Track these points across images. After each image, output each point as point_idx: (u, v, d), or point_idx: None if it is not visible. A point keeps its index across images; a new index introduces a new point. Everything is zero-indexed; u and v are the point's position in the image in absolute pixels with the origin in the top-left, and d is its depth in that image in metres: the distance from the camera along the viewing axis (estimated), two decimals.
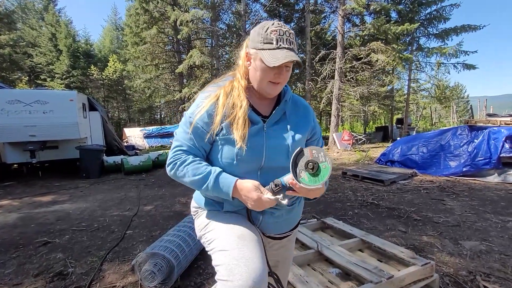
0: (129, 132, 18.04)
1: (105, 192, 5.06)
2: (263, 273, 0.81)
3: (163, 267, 1.85)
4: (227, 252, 0.85)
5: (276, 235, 1.04)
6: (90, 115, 8.19)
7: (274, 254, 1.09)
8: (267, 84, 0.91)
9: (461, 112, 27.15)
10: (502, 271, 2.05)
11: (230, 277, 0.79)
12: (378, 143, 12.71)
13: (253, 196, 0.86)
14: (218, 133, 0.93)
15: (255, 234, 0.93)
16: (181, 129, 0.97)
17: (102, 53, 27.43)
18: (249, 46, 0.94)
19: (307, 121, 1.03)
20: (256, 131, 0.93)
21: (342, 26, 10.66)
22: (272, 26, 0.88)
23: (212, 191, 0.90)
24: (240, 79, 0.96)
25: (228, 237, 0.89)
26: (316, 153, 0.80)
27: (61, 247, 2.64)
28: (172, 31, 13.08)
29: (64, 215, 3.69)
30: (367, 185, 4.91)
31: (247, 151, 0.90)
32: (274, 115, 0.97)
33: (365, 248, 2.17)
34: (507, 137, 4.66)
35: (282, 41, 0.86)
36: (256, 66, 0.91)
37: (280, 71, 0.89)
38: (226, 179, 0.89)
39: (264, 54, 0.86)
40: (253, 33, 0.92)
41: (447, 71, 11.84)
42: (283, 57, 0.84)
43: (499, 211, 3.35)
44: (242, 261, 0.81)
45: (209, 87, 1.00)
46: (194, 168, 0.91)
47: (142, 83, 14.25)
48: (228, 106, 0.92)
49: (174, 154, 0.95)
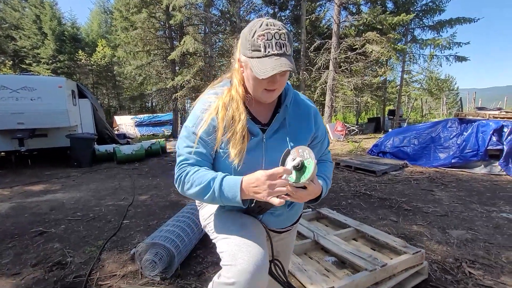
0: (120, 120, 17.74)
1: (98, 181, 5.01)
2: (264, 258, 0.85)
3: (163, 257, 1.88)
4: (230, 239, 0.89)
5: (277, 229, 1.07)
6: (80, 103, 7.97)
7: (274, 245, 1.13)
8: (262, 92, 0.87)
9: (450, 104, 27.72)
10: (486, 258, 2.17)
11: (233, 261, 0.82)
12: (370, 134, 12.91)
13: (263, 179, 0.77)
14: (220, 146, 0.91)
15: (256, 223, 0.96)
16: (183, 143, 0.92)
17: (90, 38, 26.37)
18: (240, 51, 0.87)
19: (308, 128, 0.99)
20: (255, 144, 0.91)
21: (338, 15, 10.55)
22: (260, 29, 0.80)
23: (219, 197, 0.84)
24: (238, 87, 0.91)
25: (231, 226, 0.93)
26: (301, 151, 0.81)
27: (58, 237, 2.63)
28: (164, 16, 12.65)
29: (57, 204, 3.65)
30: (360, 176, 5.03)
31: (245, 167, 0.89)
32: (274, 123, 0.94)
33: (359, 238, 2.25)
34: (494, 130, 4.82)
35: (271, 47, 0.79)
36: (248, 75, 0.86)
37: (273, 79, 0.82)
38: (230, 179, 0.84)
39: (253, 63, 0.81)
40: (242, 37, 0.85)
41: (439, 63, 11.99)
42: (271, 67, 0.77)
43: (485, 201, 3.51)
44: (244, 247, 0.85)
45: (207, 96, 0.95)
46: (199, 176, 0.86)
47: (133, 70, 13.85)
48: (228, 119, 0.89)
49: (179, 169, 0.90)
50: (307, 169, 0.79)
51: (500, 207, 3.30)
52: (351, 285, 1.53)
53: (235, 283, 0.79)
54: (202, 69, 12.77)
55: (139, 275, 1.96)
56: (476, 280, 1.90)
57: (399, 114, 13.67)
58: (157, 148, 7.87)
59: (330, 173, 1.06)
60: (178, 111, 14.97)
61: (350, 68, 11.70)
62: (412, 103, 22.51)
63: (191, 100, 16.09)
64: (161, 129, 17.37)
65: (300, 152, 0.82)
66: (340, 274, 1.74)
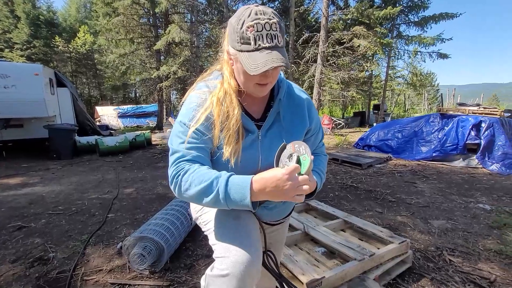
0: (102, 111, 17.09)
1: (80, 174, 4.82)
2: (258, 250, 0.84)
3: (152, 250, 1.84)
4: (223, 231, 0.88)
5: (270, 222, 1.06)
6: (58, 92, 7.58)
7: (267, 237, 1.12)
8: (254, 87, 0.82)
9: (431, 100, 28.77)
10: (465, 246, 2.29)
11: (226, 253, 0.81)
12: (355, 128, 13.18)
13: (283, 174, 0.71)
14: (218, 141, 0.86)
15: (250, 215, 0.94)
16: (178, 139, 0.84)
17: (67, 23, 24.97)
18: (228, 42, 0.81)
19: (303, 122, 0.95)
20: (250, 142, 0.87)
21: (326, 8, 10.53)
22: (248, 19, 0.72)
23: (224, 199, 0.74)
24: (229, 79, 0.85)
25: (224, 218, 0.91)
26: (297, 146, 0.79)
27: (38, 232, 2.52)
28: (148, 3, 12.13)
29: (37, 198, 3.48)
30: (346, 169, 5.13)
31: (241, 166, 0.86)
32: (268, 119, 0.90)
33: (347, 228, 2.30)
34: (473, 125, 5.04)
35: (261, 39, 0.72)
36: (239, 69, 0.80)
37: (265, 73, 0.76)
38: (237, 179, 0.75)
39: (243, 57, 0.75)
40: (230, 28, 0.78)
41: (422, 59, 12.33)
42: (263, 63, 0.71)
43: (463, 192, 3.69)
44: (237, 238, 0.84)
45: (200, 90, 0.89)
46: (200, 174, 0.76)
47: (116, 59, 13.27)
48: (223, 115, 0.83)
49: (175, 167, 0.80)
50: (303, 164, 0.77)
51: (477, 198, 3.48)
52: (341, 274, 1.57)
53: (229, 275, 0.78)
54: (188, 59, 12.44)
55: (126, 269, 1.91)
56: (456, 267, 2.00)
57: (383, 109, 14.01)
58: (142, 140, 7.66)
59: (324, 167, 1.05)
60: (163, 102, 14.59)
61: (337, 62, 11.79)
62: (395, 98, 23.15)
63: (176, 91, 15.72)
64: (145, 120, 16.92)
65: (296, 148, 0.79)
66: (330, 264, 1.78)
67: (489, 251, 2.21)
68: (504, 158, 4.78)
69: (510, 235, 2.47)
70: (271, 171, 0.75)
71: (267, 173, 0.75)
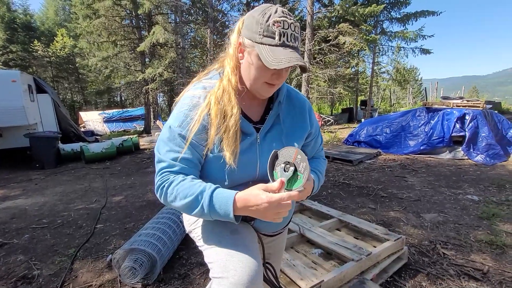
0: (86, 116, 16.59)
1: (65, 183, 4.64)
2: (259, 267, 0.79)
3: (144, 262, 1.77)
4: (220, 248, 0.82)
5: (268, 233, 1.01)
6: (38, 98, 7.29)
7: (265, 248, 1.08)
8: (262, 85, 0.78)
9: (415, 94, 29.53)
10: (457, 239, 2.33)
11: (225, 273, 0.75)
12: (344, 124, 13.33)
13: (265, 202, 0.69)
14: (212, 146, 0.80)
15: (248, 228, 0.89)
16: (166, 147, 0.79)
17: (45, 26, 24.03)
18: (243, 34, 0.76)
19: (304, 125, 0.92)
20: (248, 145, 0.82)
21: (311, 6, 10.58)
22: (275, 15, 0.72)
23: (209, 213, 0.74)
24: (230, 76, 0.81)
25: (220, 232, 0.85)
26: (299, 160, 0.73)
27: (21, 248, 2.38)
28: (131, 4, 11.83)
29: (19, 212, 3.31)
30: (338, 166, 5.17)
31: (239, 171, 0.80)
32: (268, 122, 0.86)
33: (343, 227, 2.29)
34: (458, 118, 5.18)
35: (286, 37, 0.71)
36: (251, 62, 0.76)
37: (279, 72, 0.75)
38: (222, 195, 0.73)
39: (262, 50, 0.71)
40: (250, 19, 0.75)
41: (406, 55, 12.60)
42: (287, 59, 0.70)
43: (451, 184, 3.77)
44: (235, 256, 0.78)
45: (195, 90, 0.84)
46: (185, 188, 0.75)
47: (99, 62, 12.87)
48: (221, 115, 0.78)
49: (161, 177, 0.79)
50: (297, 182, 0.73)
51: (465, 189, 3.56)
52: (340, 277, 1.55)
53: None
54: (174, 60, 12.23)
55: (118, 284, 1.83)
56: (449, 260, 2.02)
57: (370, 104, 14.24)
58: (130, 145, 7.46)
59: (323, 169, 1.01)
60: (150, 105, 14.29)
61: (324, 59, 11.89)
62: (381, 93, 23.60)
63: (163, 93, 15.45)
64: (132, 124, 16.53)
65: (297, 161, 0.73)
66: (328, 266, 1.76)
67: (480, 242, 2.26)
68: (488, 149, 4.93)
69: (499, 225, 2.53)
70: (255, 191, 0.72)
71: (252, 192, 0.72)
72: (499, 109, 15.52)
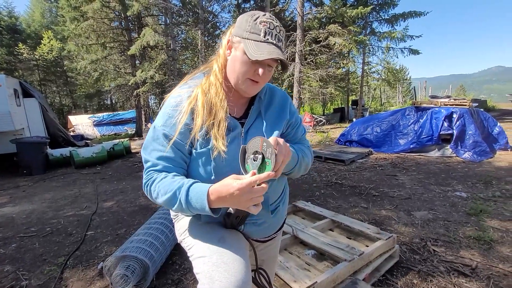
0: (76, 120, 16.29)
1: (54, 189, 4.54)
2: (245, 276, 0.78)
3: (136, 269, 1.74)
4: (207, 258, 0.81)
5: (260, 239, 1.01)
6: (25, 103, 7.12)
7: (259, 254, 1.07)
8: (245, 81, 0.82)
9: (405, 93, 30.05)
10: (447, 236, 2.38)
11: (210, 284, 0.75)
12: (336, 124, 13.46)
13: (236, 189, 0.69)
14: (195, 143, 0.83)
15: (236, 235, 0.89)
16: (150, 146, 0.84)
17: (31, 29, 23.49)
18: (233, 33, 0.83)
19: (283, 116, 0.96)
20: (232, 138, 0.85)
21: (301, 7, 10.66)
22: (263, 17, 0.80)
23: (188, 208, 0.76)
24: (218, 72, 0.86)
25: (208, 241, 0.85)
26: (265, 146, 0.74)
27: (8, 258, 2.32)
28: (120, 6, 11.67)
29: (5, 220, 3.22)
30: (330, 166, 5.21)
31: (225, 165, 0.82)
32: (251, 116, 0.90)
33: (335, 227, 2.31)
34: (446, 117, 5.29)
35: (271, 35, 0.78)
36: (236, 57, 0.81)
37: (262, 67, 0.79)
38: (197, 189, 0.76)
39: (248, 44, 0.77)
40: (240, 20, 0.83)
41: (395, 55, 12.81)
42: (268, 52, 0.75)
43: (441, 182, 3.85)
44: (221, 266, 0.78)
45: (179, 89, 0.88)
46: (165, 185, 0.78)
47: (88, 65, 12.65)
48: (207, 106, 0.82)
49: (146, 175, 0.84)
50: (266, 169, 0.73)
51: (454, 186, 3.64)
52: (333, 277, 1.56)
53: None
54: (165, 63, 12.13)
55: None
56: (440, 257, 2.06)
57: (361, 104, 14.42)
58: (121, 149, 7.35)
59: (305, 151, 1.00)
60: (141, 108, 14.12)
61: (315, 60, 11.98)
62: (372, 92, 23.94)
63: (155, 95, 15.29)
64: (123, 127, 16.30)
65: (264, 147, 0.74)
66: (321, 267, 1.77)
67: (468, 238, 2.31)
68: (475, 146, 5.05)
69: (486, 221, 2.59)
70: (227, 181, 0.73)
71: (223, 183, 0.73)
72: (485, 106, 15.96)
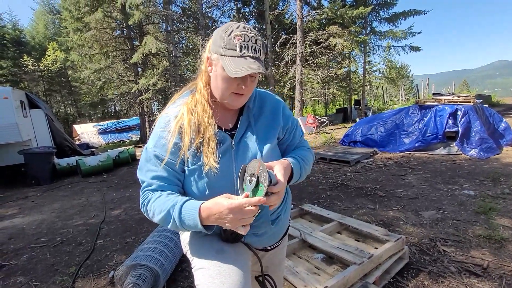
0: (81, 129, 16.48)
1: (63, 199, 4.59)
2: (243, 287, 0.80)
3: (147, 277, 1.76)
4: (205, 270, 0.83)
5: (262, 248, 1.00)
6: (31, 114, 7.24)
7: (263, 261, 1.03)
8: (230, 95, 0.83)
9: (407, 90, 29.89)
10: (456, 235, 2.35)
11: None
12: (339, 124, 13.43)
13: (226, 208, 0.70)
14: (186, 161, 0.83)
15: (237, 246, 0.90)
16: (144, 167, 0.86)
17: (36, 41, 23.92)
18: (211, 49, 0.82)
19: (275, 124, 0.94)
20: (224, 151, 0.85)
21: (300, 10, 10.73)
22: (237, 30, 0.78)
23: (182, 226, 0.77)
24: (202, 89, 0.87)
25: (206, 253, 0.86)
26: (262, 171, 0.74)
27: (21, 269, 2.35)
28: (121, 16, 11.85)
29: (16, 231, 3.27)
30: (335, 167, 5.20)
31: (217, 178, 0.83)
32: (240, 127, 0.89)
33: (343, 230, 2.31)
34: (450, 114, 5.26)
35: (247, 48, 0.77)
36: (217, 74, 0.81)
37: (244, 81, 0.80)
38: (189, 206, 0.77)
39: (225, 61, 0.77)
40: (215, 36, 0.82)
41: (396, 53, 12.79)
42: (246, 67, 0.75)
43: (448, 180, 3.82)
44: (218, 277, 0.79)
45: (167, 109, 0.89)
46: (159, 204, 0.80)
47: (91, 74, 12.82)
48: (195, 124, 0.83)
49: (142, 195, 0.86)
50: (258, 193, 0.74)
51: (461, 184, 3.61)
52: (343, 281, 1.56)
53: None
54: (167, 69, 12.24)
55: None
56: (450, 257, 2.05)
57: (364, 103, 14.38)
58: (126, 156, 7.43)
59: (306, 156, 0.99)
60: (145, 115, 14.24)
61: (316, 61, 12.00)
62: (374, 91, 23.85)
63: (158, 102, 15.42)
64: (128, 135, 16.46)
65: (260, 171, 0.75)
66: (331, 271, 1.77)
67: (478, 237, 2.29)
68: (481, 143, 5.00)
69: (496, 219, 2.56)
70: (219, 199, 0.74)
71: (215, 201, 0.74)
72: (490, 102, 15.78)
